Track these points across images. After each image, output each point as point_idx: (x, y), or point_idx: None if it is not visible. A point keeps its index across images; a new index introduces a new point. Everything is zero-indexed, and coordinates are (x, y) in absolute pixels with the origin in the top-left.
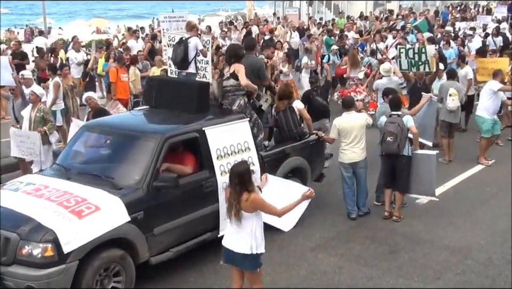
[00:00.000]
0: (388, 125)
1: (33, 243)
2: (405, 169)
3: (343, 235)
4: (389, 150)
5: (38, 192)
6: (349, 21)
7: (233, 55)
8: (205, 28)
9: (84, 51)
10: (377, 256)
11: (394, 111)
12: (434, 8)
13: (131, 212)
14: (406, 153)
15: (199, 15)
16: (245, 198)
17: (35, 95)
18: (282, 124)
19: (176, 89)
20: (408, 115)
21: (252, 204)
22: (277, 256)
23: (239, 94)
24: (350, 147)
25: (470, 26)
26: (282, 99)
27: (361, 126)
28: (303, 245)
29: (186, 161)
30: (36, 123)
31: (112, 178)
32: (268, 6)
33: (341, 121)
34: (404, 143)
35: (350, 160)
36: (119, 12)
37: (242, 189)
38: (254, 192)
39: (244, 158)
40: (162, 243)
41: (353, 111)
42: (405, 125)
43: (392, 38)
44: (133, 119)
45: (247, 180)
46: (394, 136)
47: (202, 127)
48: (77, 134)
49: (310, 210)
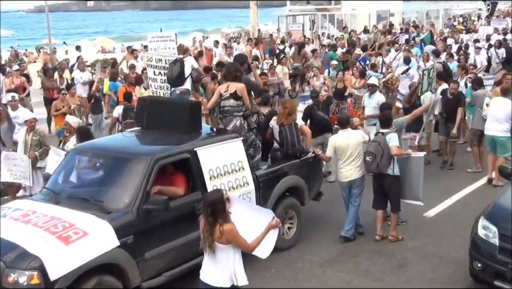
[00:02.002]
0: (369, 144)
1: (18, 271)
2: (392, 188)
3: (350, 250)
4: (368, 169)
5: (26, 218)
6: (353, 35)
7: (233, 72)
8: (213, 42)
9: (88, 71)
10: (385, 270)
11: (382, 128)
12: (436, 21)
13: (120, 236)
14: (391, 172)
15: (203, 33)
16: (218, 229)
17: (30, 121)
18: (287, 138)
19: (168, 109)
20: (392, 134)
21: (226, 235)
22: (286, 271)
23: (236, 114)
24: (346, 165)
25: (474, 38)
26: (289, 116)
27: (358, 144)
28: (311, 261)
29: (178, 183)
30: (33, 147)
31: (102, 201)
32: (272, 22)
33: (337, 139)
34: (385, 163)
35: (346, 178)
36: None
37: (215, 220)
38: (228, 223)
39: (238, 178)
40: (154, 268)
41: (349, 129)
42: (387, 143)
43: (395, 51)
44: (123, 141)
45: (220, 210)
46: (372, 156)
47: (194, 147)
48: (67, 157)
49: (316, 226)
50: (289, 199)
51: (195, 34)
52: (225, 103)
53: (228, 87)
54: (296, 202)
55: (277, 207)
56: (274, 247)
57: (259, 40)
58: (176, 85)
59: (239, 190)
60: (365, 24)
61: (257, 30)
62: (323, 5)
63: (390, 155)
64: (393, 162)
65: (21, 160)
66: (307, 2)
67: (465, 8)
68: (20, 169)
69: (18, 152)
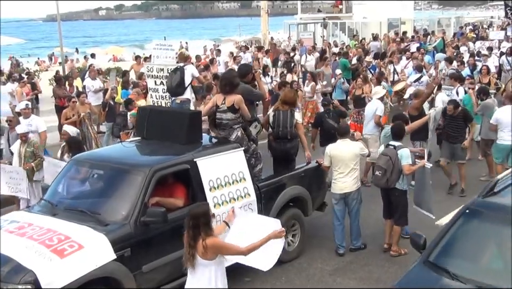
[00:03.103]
0: (380, 157)
1: (12, 285)
2: (399, 203)
3: (362, 259)
4: (378, 184)
5: (21, 231)
6: (364, 43)
7: (228, 84)
8: (215, 52)
9: (100, 79)
10: (397, 278)
11: (393, 141)
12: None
13: (117, 249)
14: (400, 186)
15: (214, 41)
16: (201, 244)
17: (22, 134)
18: (279, 120)
19: (167, 119)
20: (404, 149)
21: (211, 249)
22: (296, 279)
23: (236, 126)
24: (341, 177)
25: (486, 46)
26: (285, 104)
27: (354, 155)
28: (322, 269)
29: (178, 194)
30: (27, 159)
31: (99, 214)
32: (283, 31)
33: (333, 149)
34: (395, 177)
35: (341, 190)
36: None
37: (196, 233)
38: (211, 237)
39: (239, 188)
40: (152, 281)
41: (348, 139)
42: (399, 159)
43: (406, 59)
44: (122, 151)
45: (203, 223)
46: (383, 171)
47: (194, 158)
48: (65, 168)
49: (327, 233)
50: (292, 210)
51: (206, 43)
52: (223, 116)
53: (224, 100)
54: (300, 213)
55: (280, 218)
56: (279, 260)
57: (269, 49)
58: (176, 94)
59: (240, 201)
60: (377, 32)
61: (271, 38)
62: (334, 13)
63: (400, 171)
64: (402, 177)
65: (16, 173)
66: (318, 10)
67: (476, 16)
68: (15, 182)
69: (14, 164)
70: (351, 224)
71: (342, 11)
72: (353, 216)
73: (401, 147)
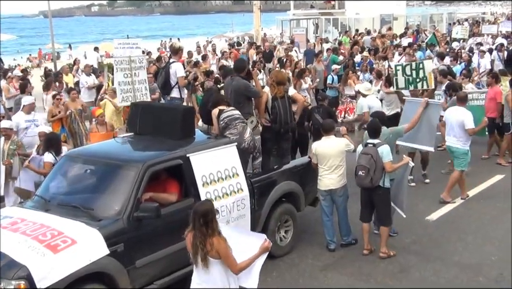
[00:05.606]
0: (360, 156)
1: (5, 280)
2: (382, 201)
3: (353, 254)
4: (361, 184)
5: (14, 226)
6: (355, 37)
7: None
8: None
9: (93, 76)
10: (387, 274)
11: (371, 139)
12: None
13: (110, 244)
14: (382, 184)
15: (207, 37)
16: (209, 241)
17: (7, 130)
18: (280, 113)
19: (160, 114)
20: (384, 146)
21: (217, 249)
22: (287, 275)
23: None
24: (327, 174)
25: (477, 41)
26: (279, 85)
27: (340, 152)
28: (312, 265)
29: (171, 189)
30: (10, 156)
31: (92, 209)
32: (275, 27)
33: (318, 146)
34: (378, 176)
35: (326, 187)
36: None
37: (208, 230)
38: (218, 236)
39: (232, 184)
40: (145, 276)
41: (333, 136)
42: (379, 156)
43: (398, 55)
44: (115, 147)
45: (211, 220)
46: (366, 170)
47: (187, 153)
48: (58, 163)
49: (318, 229)
50: (285, 205)
51: (198, 39)
52: (232, 112)
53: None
54: (292, 208)
55: (273, 213)
56: (271, 255)
57: (260, 45)
58: (163, 93)
59: (233, 196)
60: (369, 28)
61: (264, 34)
62: (327, 9)
63: (382, 168)
64: (384, 174)
65: None
66: (311, 7)
67: (469, 12)
68: None
69: None
70: (340, 221)
71: (335, 7)
72: (341, 213)
73: (380, 144)
